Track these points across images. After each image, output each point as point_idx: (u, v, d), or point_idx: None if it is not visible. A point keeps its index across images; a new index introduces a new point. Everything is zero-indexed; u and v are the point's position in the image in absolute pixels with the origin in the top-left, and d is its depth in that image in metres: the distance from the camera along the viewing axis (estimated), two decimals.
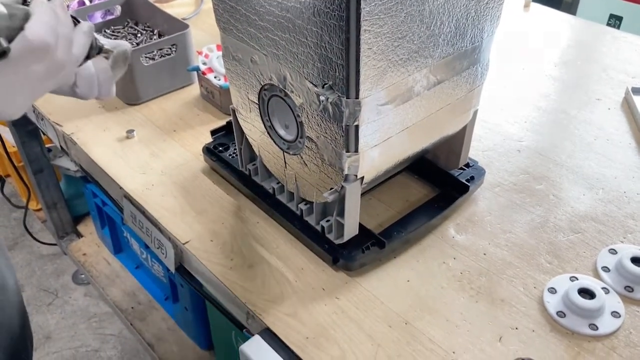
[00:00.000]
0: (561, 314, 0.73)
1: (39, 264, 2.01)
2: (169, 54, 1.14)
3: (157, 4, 1.25)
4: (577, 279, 0.77)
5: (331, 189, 0.74)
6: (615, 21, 2.14)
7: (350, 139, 0.68)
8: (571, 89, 1.19)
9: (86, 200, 1.62)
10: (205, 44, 1.14)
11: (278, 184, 0.87)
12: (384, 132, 0.71)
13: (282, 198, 0.87)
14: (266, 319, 0.73)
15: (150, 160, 0.99)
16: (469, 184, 0.88)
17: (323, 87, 0.66)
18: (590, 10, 2.19)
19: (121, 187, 0.94)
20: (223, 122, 1.02)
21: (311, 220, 0.82)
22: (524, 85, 1.20)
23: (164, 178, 0.96)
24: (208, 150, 0.97)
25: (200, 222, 0.87)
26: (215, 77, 1.08)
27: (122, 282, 1.64)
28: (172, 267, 0.88)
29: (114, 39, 1.23)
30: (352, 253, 0.78)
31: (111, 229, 1.58)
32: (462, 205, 0.89)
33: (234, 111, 0.87)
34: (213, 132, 1.00)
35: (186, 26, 1.14)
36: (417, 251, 0.83)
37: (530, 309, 0.74)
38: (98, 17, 1.28)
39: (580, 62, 1.28)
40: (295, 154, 0.78)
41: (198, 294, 0.97)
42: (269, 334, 0.72)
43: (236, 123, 0.88)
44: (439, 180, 0.92)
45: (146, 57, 1.12)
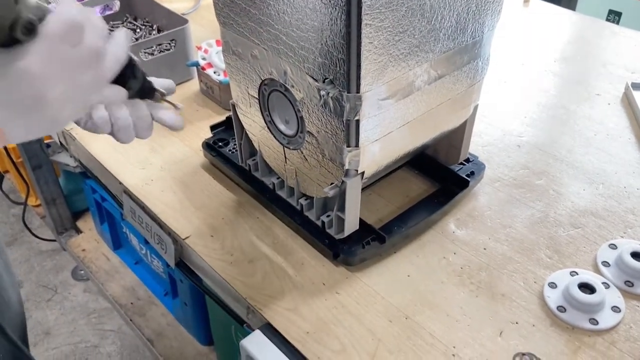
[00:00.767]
0: (561, 308, 0.73)
1: (38, 260, 2.00)
2: (168, 49, 1.14)
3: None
4: (577, 273, 0.77)
5: (332, 183, 0.74)
6: (614, 17, 2.14)
7: (351, 133, 0.68)
8: (571, 85, 1.19)
9: (85, 196, 1.62)
10: (205, 39, 1.13)
11: (278, 179, 0.87)
12: (385, 127, 0.71)
13: (282, 193, 0.86)
14: (266, 314, 0.73)
15: (150, 156, 0.99)
16: (469, 179, 0.88)
17: (324, 82, 0.66)
18: (590, 6, 2.19)
19: (121, 183, 0.94)
20: (223, 118, 1.02)
21: (311, 215, 0.82)
22: (523, 81, 1.20)
23: (163, 173, 0.95)
24: (208, 146, 0.97)
25: (200, 217, 0.87)
26: (214, 73, 1.08)
27: (122, 277, 1.64)
28: (172, 263, 0.88)
29: None
30: (352, 248, 0.78)
31: (110, 224, 1.58)
32: (462, 201, 0.89)
33: (233, 106, 0.86)
34: (213, 128, 1.00)
35: (185, 21, 1.14)
36: (418, 246, 0.83)
37: (530, 304, 0.74)
38: (97, 13, 1.27)
39: (580, 57, 1.28)
40: (296, 149, 0.78)
41: (197, 289, 0.97)
42: (269, 329, 0.72)
43: (236, 118, 0.87)
44: (439, 175, 0.92)
45: (145, 53, 1.12)
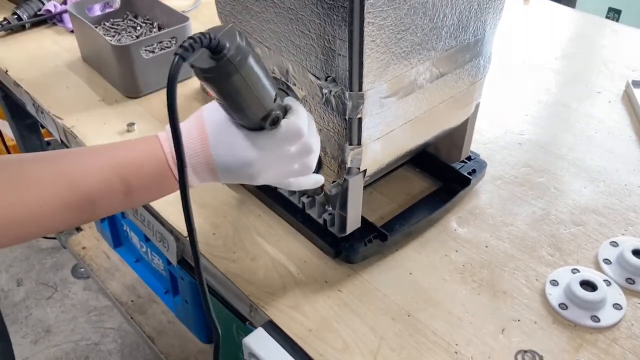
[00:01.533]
0: (563, 306, 0.73)
1: (38, 257, 2.00)
2: (168, 47, 1.14)
3: None
4: (578, 271, 0.77)
5: (333, 181, 0.74)
6: (614, 14, 2.14)
7: (353, 131, 0.68)
8: (572, 82, 1.19)
9: None
10: None
11: None
12: (387, 125, 0.71)
13: (284, 191, 0.86)
14: (269, 312, 0.73)
15: None
16: (470, 177, 0.88)
17: (326, 80, 0.66)
18: (589, 3, 2.19)
19: None
20: None
21: (313, 213, 0.82)
22: (524, 79, 1.20)
23: None
24: None
25: (203, 215, 0.87)
26: None
27: (122, 275, 1.64)
28: (174, 260, 0.88)
29: (114, 31, 1.22)
30: (354, 246, 0.78)
31: (111, 222, 1.57)
32: (463, 198, 0.90)
33: None
34: None
35: (186, 19, 1.13)
36: (419, 244, 0.83)
37: (532, 301, 0.75)
38: (97, 10, 1.27)
39: (581, 55, 1.28)
40: None
41: (198, 287, 0.97)
42: (271, 327, 0.72)
43: None
44: (440, 173, 0.92)
45: (146, 50, 1.12)
